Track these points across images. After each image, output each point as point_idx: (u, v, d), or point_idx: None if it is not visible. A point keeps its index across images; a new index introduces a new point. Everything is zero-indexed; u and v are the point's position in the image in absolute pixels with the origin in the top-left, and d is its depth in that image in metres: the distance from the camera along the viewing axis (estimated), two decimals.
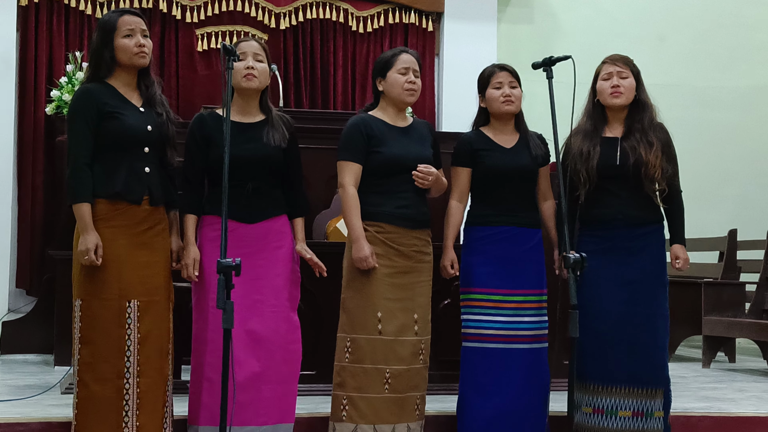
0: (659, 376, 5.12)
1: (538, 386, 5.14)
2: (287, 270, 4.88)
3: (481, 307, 5.11)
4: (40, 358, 7.97)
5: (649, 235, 5.12)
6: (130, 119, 4.64)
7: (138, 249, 4.63)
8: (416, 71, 5.05)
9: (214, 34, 9.89)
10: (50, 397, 5.76)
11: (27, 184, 9.25)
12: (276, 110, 5.01)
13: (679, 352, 9.14)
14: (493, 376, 5.07)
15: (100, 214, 4.60)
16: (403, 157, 4.95)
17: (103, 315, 4.57)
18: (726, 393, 6.72)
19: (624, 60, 5.20)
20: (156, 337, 4.65)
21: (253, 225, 4.82)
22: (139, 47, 4.66)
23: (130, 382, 4.59)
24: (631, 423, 5.07)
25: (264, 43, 4.96)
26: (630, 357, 5.04)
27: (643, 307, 5.07)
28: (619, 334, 5.02)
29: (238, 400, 4.69)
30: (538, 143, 5.23)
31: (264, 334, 4.78)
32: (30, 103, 9.31)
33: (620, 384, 5.07)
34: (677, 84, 10.87)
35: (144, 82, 4.78)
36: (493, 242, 5.10)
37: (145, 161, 4.67)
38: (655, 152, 5.07)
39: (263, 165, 4.83)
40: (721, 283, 8.71)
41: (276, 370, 4.80)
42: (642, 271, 5.08)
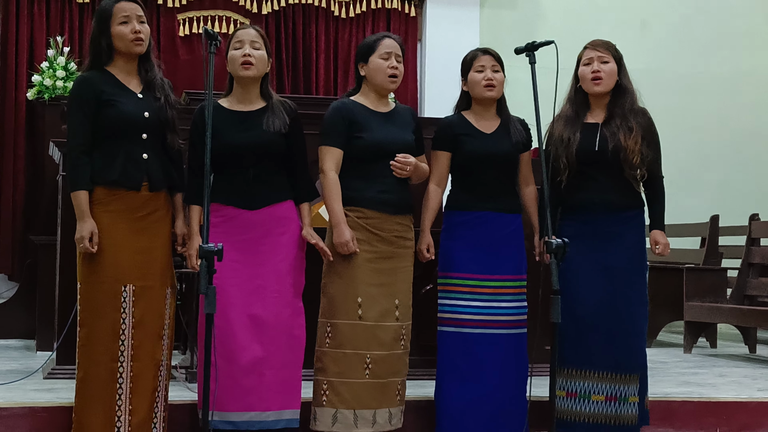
0: (636, 361, 5.12)
1: (517, 371, 5.14)
2: (291, 256, 4.88)
3: (458, 291, 5.11)
4: (21, 344, 7.95)
5: (629, 220, 5.13)
6: (126, 106, 4.65)
7: (136, 234, 4.65)
8: (399, 56, 5.04)
9: (196, 19, 9.87)
10: (32, 382, 5.75)
11: (9, 169, 9.22)
12: (278, 96, 5.00)
13: (661, 337, 9.17)
14: (470, 361, 5.07)
15: (98, 199, 4.62)
16: (385, 142, 4.94)
17: (99, 299, 4.60)
18: (707, 378, 6.74)
19: (606, 45, 5.19)
20: (150, 322, 4.67)
21: (255, 211, 4.82)
22: (135, 33, 4.66)
23: (124, 365, 4.62)
24: (604, 407, 5.07)
25: (262, 30, 4.94)
26: (607, 342, 5.04)
27: (622, 293, 5.07)
28: (598, 319, 5.02)
29: (242, 384, 4.72)
30: (519, 129, 5.23)
31: (266, 320, 4.78)
32: (11, 88, 9.28)
33: (596, 369, 5.07)
34: (660, 70, 10.88)
35: (144, 66, 4.78)
36: (472, 227, 5.11)
37: (144, 147, 4.68)
38: (634, 137, 5.06)
39: (263, 151, 4.83)
40: (703, 268, 8.73)
41: (279, 356, 4.80)
42: (622, 257, 5.08)
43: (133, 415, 4.63)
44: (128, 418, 4.63)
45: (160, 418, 4.75)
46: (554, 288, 4.53)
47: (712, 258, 8.94)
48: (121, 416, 4.61)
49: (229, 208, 4.79)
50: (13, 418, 5.01)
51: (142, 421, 4.66)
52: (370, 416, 4.90)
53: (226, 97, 4.94)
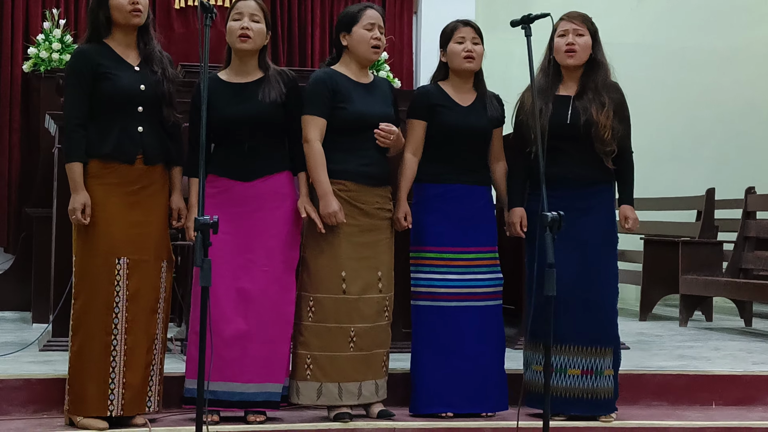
0: (609, 334, 5.10)
1: (494, 343, 5.14)
2: (284, 231, 4.87)
3: (432, 265, 5.09)
4: (17, 316, 7.96)
5: (599, 194, 5.09)
6: (122, 79, 4.64)
7: (130, 208, 4.65)
8: (381, 27, 5.00)
9: None
10: (28, 354, 5.76)
11: (4, 143, 9.20)
12: (275, 67, 4.98)
13: (656, 310, 9.19)
14: (447, 334, 5.06)
15: (93, 172, 4.62)
16: (367, 114, 4.92)
17: (93, 271, 4.61)
18: (702, 351, 6.76)
19: (582, 17, 5.14)
20: (144, 296, 4.68)
21: (250, 183, 4.82)
22: (133, 4, 4.64)
23: (118, 338, 4.63)
24: (580, 381, 5.06)
25: (262, 3, 4.92)
26: (581, 316, 5.00)
27: (595, 267, 5.04)
28: (572, 293, 4.96)
29: (224, 356, 4.72)
30: (495, 104, 5.20)
31: (253, 294, 4.79)
32: (7, 60, 9.24)
33: (570, 342, 5.04)
34: (655, 44, 10.88)
35: (142, 39, 4.76)
36: (445, 200, 5.08)
37: (139, 120, 4.67)
38: (606, 112, 5.02)
39: (257, 123, 4.82)
40: (699, 242, 8.74)
41: (264, 330, 4.80)
42: (592, 230, 5.04)
43: (127, 389, 4.64)
44: (122, 391, 4.64)
45: (155, 391, 4.76)
46: (549, 261, 4.52)
47: (707, 231, 8.96)
48: (115, 389, 4.63)
49: (223, 180, 4.80)
50: (9, 390, 5.02)
51: (136, 394, 4.67)
52: (356, 389, 4.91)
53: (224, 69, 4.93)
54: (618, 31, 10.27)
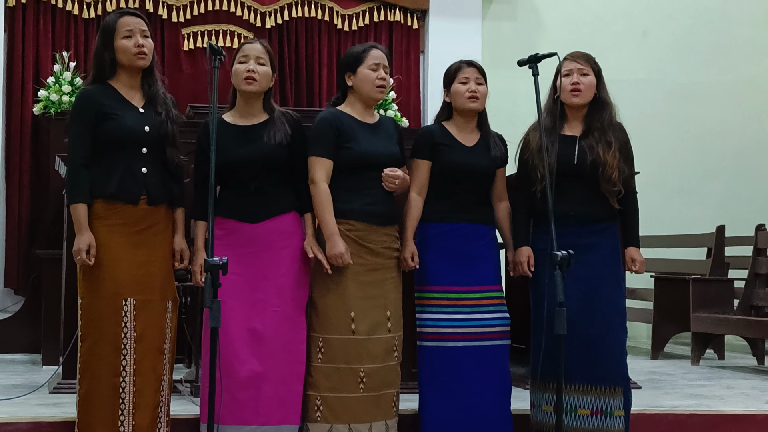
0: (617, 373, 5.05)
1: (501, 383, 5.10)
2: (293, 270, 4.87)
3: (438, 305, 5.07)
4: (27, 358, 7.96)
5: (602, 231, 5.07)
6: (127, 120, 4.66)
7: (135, 248, 4.65)
8: (386, 67, 5.01)
9: (200, 34, 9.89)
10: (38, 397, 5.75)
11: (14, 184, 9.25)
12: (280, 109, 5.01)
13: (668, 349, 9.14)
14: (454, 374, 5.03)
15: (97, 213, 4.63)
16: (372, 153, 4.93)
17: (100, 313, 4.61)
18: (714, 390, 6.72)
19: (585, 57, 5.16)
20: (151, 336, 4.68)
21: (257, 224, 4.83)
22: (138, 47, 4.67)
23: (126, 380, 4.62)
24: (590, 421, 5.01)
25: (268, 46, 4.95)
26: (586, 355, 4.96)
27: (598, 304, 5.00)
28: (575, 331, 4.87)
29: (238, 398, 4.72)
30: (498, 144, 5.21)
31: (266, 334, 4.78)
32: (17, 103, 9.30)
33: (577, 382, 5.00)
34: (661, 79, 10.90)
35: (147, 81, 4.79)
36: (448, 239, 5.07)
37: (143, 161, 4.69)
38: (613, 153, 5.02)
39: (263, 165, 4.83)
40: (710, 279, 8.71)
41: (278, 370, 4.79)
42: (596, 268, 5.01)
43: (136, 430, 4.62)
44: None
45: None
46: (559, 300, 4.51)
47: (718, 269, 8.92)
48: (124, 431, 4.61)
49: (230, 222, 4.80)
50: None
51: None
52: (366, 430, 4.88)
53: (229, 111, 4.95)
54: (624, 67, 10.34)
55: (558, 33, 10.61)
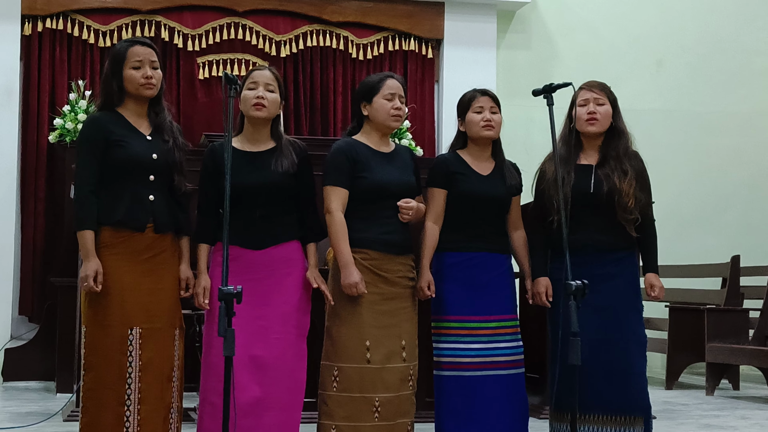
0: (638, 403, 5.02)
1: (518, 412, 5.09)
2: (296, 297, 4.87)
3: (455, 335, 5.05)
4: (41, 385, 7.97)
5: (620, 261, 5.07)
6: (134, 147, 4.65)
7: (142, 276, 4.64)
8: (402, 97, 5.03)
9: (215, 62, 9.94)
10: (52, 425, 5.76)
11: (30, 212, 9.29)
12: (287, 137, 5.02)
13: (682, 379, 9.12)
14: (471, 403, 5.00)
15: (104, 241, 4.61)
16: (387, 182, 4.94)
17: (105, 342, 4.57)
18: (728, 420, 6.71)
19: (601, 86, 5.17)
20: (158, 365, 4.65)
21: (261, 251, 4.82)
22: (147, 79, 4.67)
23: (131, 409, 4.58)
24: None
25: (277, 73, 4.97)
26: (606, 384, 4.94)
27: (617, 334, 4.99)
28: (594, 361, 4.87)
29: (240, 425, 4.68)
30: (513, 172, 5.21)
31: (268, 361, 4.77)
32: (33, 131, 9.36)
33: (597, 412, 4.97)
34: (676, 109, 10.91)
35: (154, 109, 4.79)
36: (464, 268, 5.06)
37: (150, 189, 4.68)
38: (629, 181, 5.03)
39: (270, 192, 4.84)
40: (724, 309, 8.69)
41: (278, 398, 4.78)
42: (614, 297, 5.01)
43: None
44: None
45: None
46: (573, 330, 4.50)
47: (733, 299, 8.90)
48: None
49: (234, 248, 4.75)
50: None
51: None
52: None
53: (236, 137, 4.96)
54: (639, 97, 10.36)
55: (572, 62, 10.64)
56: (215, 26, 9.99)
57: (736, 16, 11.34)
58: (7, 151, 9.23)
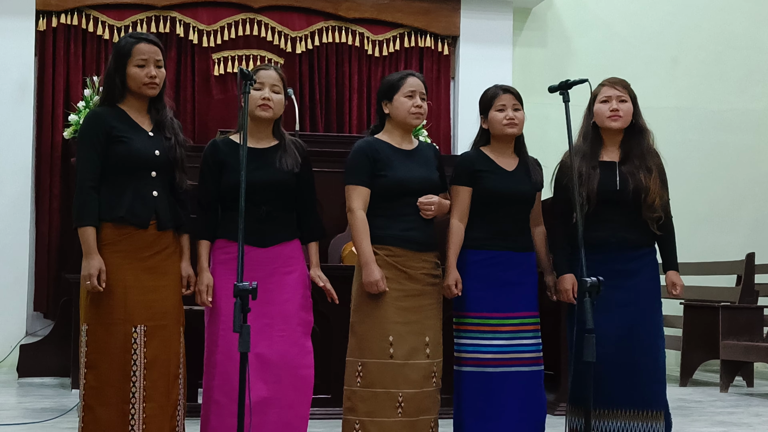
0: (659, 397, 5.05)
1: (537, 409, 5.09)
2: (298, 295, 4.87)
3: (477, 331, 5.06)
4: (56, 381, 7.99)
5: (642, 257, 5.08)
6: (137, 143, 4.62)
7: (145, 273, 4.60)
8: (423, 94, 5.03)
9: (230, 59, 9.95)
10: (67, 421, 5.77)
11: (44, 208, 9.30)
12: (289, 135, 5.02)
13: (696, 376, 9.11)
14: (491, 400, 5.01)
15: (106, 238, 4.57)
16: (408, 180, 4.94)
17: (109, 340, 4.53)
18: (742, 417, 6.69)
19: (623, 83, 5.17)
20: (163, 362, 4.61)
21: (264, 249, 4.82)
22: (150, 78, 4.63)
23: (136, 407, 4.54)
24: None
25: (282, 72, 4.96)
26: (630, 380, 4.97)
27: (641, 330, 5.01)
28: (618, 357, 4.93)
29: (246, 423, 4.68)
30: (536, 168, 5.21)
31: (272, 359, 4.76)
32: (48, 127, 9.38)
33: (622, 407, 5.00)
34: (691, 107, 10.89)
35: (155, 106, 4.76)
36: (487, 266, 5.06)
37: (153, 185, 4.65)
38: (654, 179, 5.03)
39: (276, 190, 4.83)
40: (739, 307, 8.68)
41: (284, 395, 4.77)
42: (637, 294, 5.03)
43: None
44: None
45: None
46: (588, 327, 4.50)
47: (748, 296, 8.88)
48: None
49: (237, 245, 4.73)
50: None
51: None
52: None
53: (237, 133, 4.94)
54: (654, 95, 10.33)
55: (588, 60, 10.63)
56: (230, 22, 10.00)
57: (752, 15, 11.32)
58: (22, 148, 9.26)
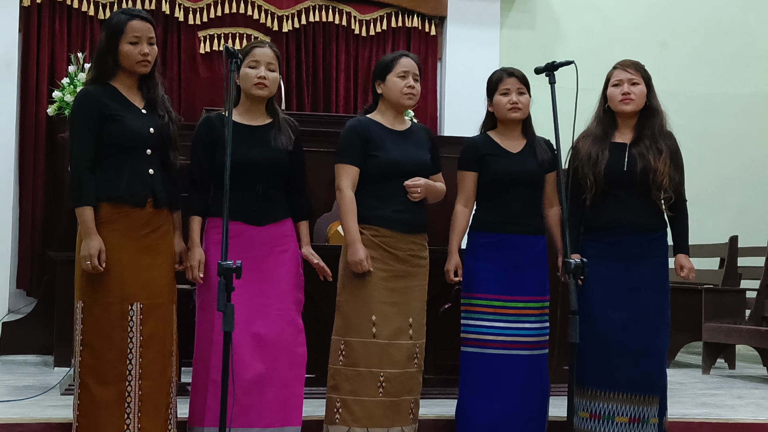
0: (657, 383, 5.11)
1: (538, 391, 5.13)
2: (292, 274, 4.88)
3: (482, 312, 5.09)
4: (39, 359, 7.97)
5: (653, 242, 5.11)
6: (131, 122, 4.61)
7: (141, 252, 4.61)
8: (416, 75, 5.04)
9: (216, 37, 9.89)
10: (50, 398, 5.76)
11: (28, 186, 9.25)
12: (282, 113, 5.00)
13: (679, 358, 9.14)
14: (493, 380, 5.06)
15: (103, 217, 4.58)
16: (400, 161, 4.94)
17: (105, 318, 4.55)
18: (725, 399, 6.72)
19: (635, 66, 5.19)
20: (159, 340, 4.64)
21: (261, 228, 4.82)
22: (143, 56, 4.62)
23: (132, 384, 4.57)
24: (627, 429, 5.05)
25: (277, 50, 4.95)
26: (631, 363, 5.02)
27: (646, 314, 5.06)
28: (622, 340, 5.00)
29: (242, 402, 4.70)
30: (545, 148, 5.21)
31: (269, 337, 4.77)
32: (32, 103, 9.31)
33: (619, 390, 5.05)
34: (679, 91, 10.86)
35: (146, 83, 4.74)
36: (497, 249, 5.09)
37: (149, 163, 4.64)
38: (663, 159, 5.05)
39: (271, 168, 4.83)
40: (722, 289, 8.71)
41: (280, 374, 4.79)
42: (645, 278, 5.06)
43: None
44: None
45: None
46: (572, 308, 4.51)
47: (730, 279, 8.91)
48: None
49: (236, 224, 4.72)
50: None
51: None
52: None
53: None
54: None
55: (576, 43, 10.60)
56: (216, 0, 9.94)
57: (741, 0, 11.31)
58: (6, 125, 9.19)
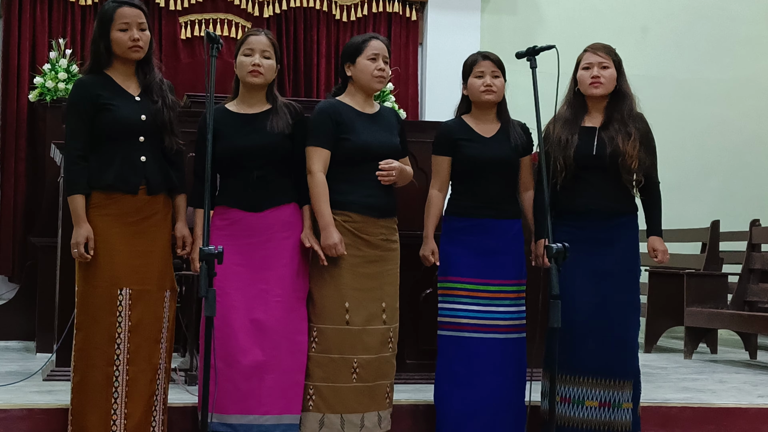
0: (629, 367, 5.09)
1: (514, 376, 5.13)
2: (295, 260, 4.88)
3: (456, 295, 5.10)
4: (21, 345, 7.94)
5: (622, 226, 5.10)
6: (122, 110, 4.64)
7: (133, 237, 4.64)
8: (386, 58, 5.02)
9: (198, 22, 9.87)
10: (31, 384, 5.74)
11: (10, 171, 9.22)
12: (282, 99, 5.00)
13: (661, 343, 9.16)
14: (467, 365, 5.06)
15: (95, 203, 4.61)
16: (371, 144, 4.93)
17: (95, 302, 4.60)
18: (707, 384, 6.74)
19: (606, 49, 5.18)
20: (148, 326, 4.66)
21: (260, 214, 4.83)
22: (134, 41, 4.64)
23: (120, 369, 4.61)
24: (597, 413, 5.05)
25: (273, 38, 4.94)
26: (601, 348, 5.00)
27: (616, 299, 5.04)
28: (591, 324, 4.98)
29: (241, 388, 4.72)
30: (519, 132, 5.22)
31: (269, 324, 4.78)
32: (13, 89, 9.27)
33: (589, 374, 5.04)
34: (660, 76, 10.88)
35: (142, 69, 4.76)
36: (472, 233, 5.10)
37: (141, 150, 4.67)
38: (632, 143, 5.05)
39: (266, 153, 4.84)
40: (704, 274, 8.73)
41: (280, 361, 4.80)
42: (615, 263, 5.06)
43: (129, 419, 4.62)
44: (124, 422, 4.62)
45: (159, 422, 4.74)
46: (554, 293, 4.52)
47: (712, 264, 8.94)
48: (117, 420, 4.61)
49: (234, 211, 4.79)
50: (12, 420, 5.01)
51: (138, 425, 4.65)
52: (358, 420, 4.89)
53: (232, 101, 4.95)
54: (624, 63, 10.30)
55: (557, 28, 10.60)
56: None
57: None
58: None
